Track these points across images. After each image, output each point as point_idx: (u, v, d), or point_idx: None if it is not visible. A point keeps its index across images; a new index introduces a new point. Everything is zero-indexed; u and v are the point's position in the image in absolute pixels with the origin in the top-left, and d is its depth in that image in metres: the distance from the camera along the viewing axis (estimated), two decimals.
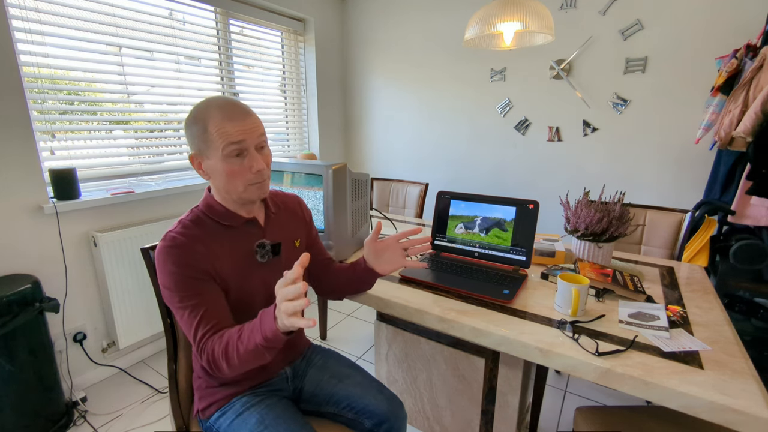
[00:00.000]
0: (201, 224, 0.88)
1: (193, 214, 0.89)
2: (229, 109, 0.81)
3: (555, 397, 1.76)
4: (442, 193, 1.40)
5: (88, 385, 1.87)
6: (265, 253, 0.93)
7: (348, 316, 2.52)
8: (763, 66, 1.54)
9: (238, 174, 0.83)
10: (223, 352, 0.77)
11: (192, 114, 0.83)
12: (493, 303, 1.08)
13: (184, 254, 0.82)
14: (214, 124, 0.79)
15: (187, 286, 0.81)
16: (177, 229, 0.85)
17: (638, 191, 2.32)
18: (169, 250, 0.81)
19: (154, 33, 2.05)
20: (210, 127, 0.80)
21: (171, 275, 0.81)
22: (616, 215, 1.29)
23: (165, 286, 0.82)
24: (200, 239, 0.85)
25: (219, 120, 0.80)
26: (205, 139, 0.81)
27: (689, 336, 0.90)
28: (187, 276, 0.81)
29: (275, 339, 0.72)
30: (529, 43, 1.57)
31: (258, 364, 0.78)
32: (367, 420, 0.98)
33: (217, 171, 0.83)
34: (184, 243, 0.83)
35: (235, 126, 0.80)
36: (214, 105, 0.81)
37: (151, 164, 2.13)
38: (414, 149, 3.14)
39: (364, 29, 3.16)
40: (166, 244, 0.82)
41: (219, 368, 0.78)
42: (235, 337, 0.76)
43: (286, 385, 1.02)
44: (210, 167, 0.84)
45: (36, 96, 1.66)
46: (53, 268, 1.71)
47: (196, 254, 0.83)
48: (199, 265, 0.83)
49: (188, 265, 0.82)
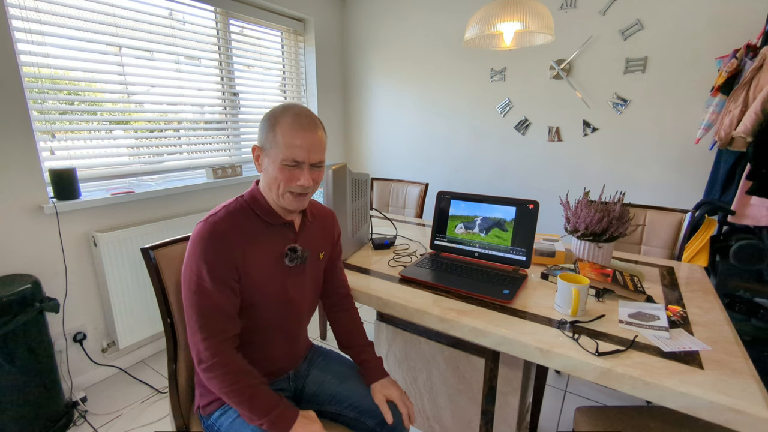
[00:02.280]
0: (244, 215, 0.91)
1: (237, 203, 0.93)
2: (301, 122, 0.86)
3: (555, 397, 1.75)
4: (442, 193, 1.40)
5: (88, 385, 1.87)
6: (295, 258, 0.95)
7: None
8: (763, 66, 1.54)
9: (284, 181, 0.88)
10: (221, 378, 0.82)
11: (271, 111, 0.89)
12: (493, 303, 1.08)
13: (222, 246, 0.84)
14: (283, 132, 0.85)
15: (215, 282, 0.83)
16: (220, 214, 0.88)
17: (638, 191, 2.32)
18: (211, 236, 0.84)
19: (154, 33, 2.05)
20: (278, 132, 0.85)
21: (204, 263, 0.83)
22: (616, 215, 1.29)
23: (192, 270, 0.84)
24: (241, 230, 0.89)
25: (288, 129, 0.85)
26: (270, 140, 0.87)
27: (689, 336, 0.90)
28: (216, 270, 0.84)
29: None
30: (529, 43, 1.57)
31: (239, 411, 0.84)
32: (370, 419, 0.98)
33: (269, 171, 0.89)
34: (226, 232, 0.86)
35: (301, 136, 0.85)
36: (290, 112, 0.87)
37: (151, 164, 2.13)
38: (414, 149, 3.14)
39: (364, 29, 3.16)
40: (208, 229, 0.85)
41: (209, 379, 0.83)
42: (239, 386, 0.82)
43: (287, 385, 1.02)
44: (264, 165, 0.90)
45: (36, 96, 1.66)
46: (53, 268, 1.71)
47: (233, 245, 0.86)
48: (232, 259, 0.85)
49: (223, 258, 0.84)
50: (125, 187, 1.99)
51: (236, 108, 2.57)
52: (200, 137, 2.38)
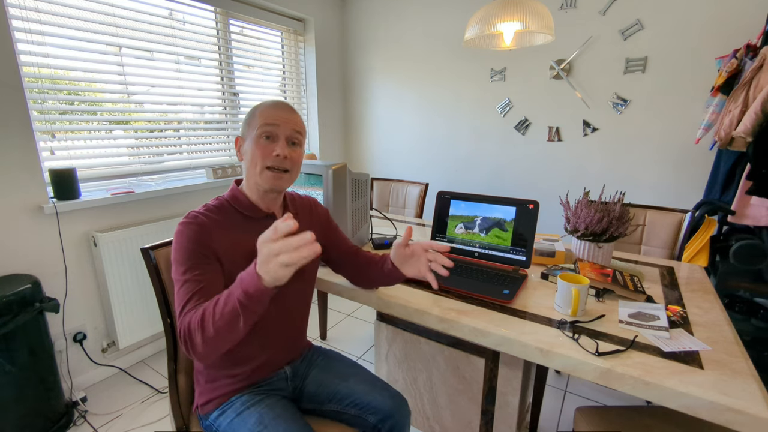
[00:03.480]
0: (223, 211, 0.92)
1: (218, 201, 0.94)
2: (278, 103, 0.93)
3: (555, 397, 1.75)
4: (442, 193, 1.40)
5: (88, 385, 1.87)
6: None
7: (348, 316, 2.52)
8: (763, 66, 1.54)
9: (261, 155, 0.89)
10: (198, 322, 0.73)
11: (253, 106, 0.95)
12: (493, 303, 1.08)
13: (201, 232, 0.85)
14: (261, 111, 0.91)
15: (194, 261, 0.83)
16: (200, 210, 0.90)
17: (638, 191, 2.32)
18: (188, 225, 0.85)
19: (154, 33, 2.05)
20: (257, 114, 0.91)
21: (183, 249, 0.84)
22: (616, 215, 1.29)
23: (175, 258, 0.84)
24: (220, 224, 0.89)
25: (266, 108, 0.92)
26: (249, 123, 0.92)
27: (689, 336, 0.90)
28: (197, 252, 0.84)
29: (258, 294, 0.68)
30: (529, 43, 1.56)
31: (233, 335, 0.74)
32: (372, 416, 0.98)
33: (248, 152, 0.91)
34: (204, 223, 0.87)
35: (275, 113, 0.91)
36: (270, 101, 0.94)
37: (151, 164, 2.13)
38: (414, 149, 3.14)
39: (364, 29, 3.16)
40: (188, 220, 0.86)
41: (193, 342, 0.74)
42: (212, 304, 0.74)
43: (285, 384, 1.02)
44: (245, 149, 0.92)
45: (36, 96, 1.66)
46: (53, 268, 1.71)
47: (213, 236, 0.86)
48: (212, 246, 0.86)
49: (201, 242, 0.85)
50: (125, 187, 1.99)
51: (236, 108, 2.57)
52: (200, 137, 2.38)
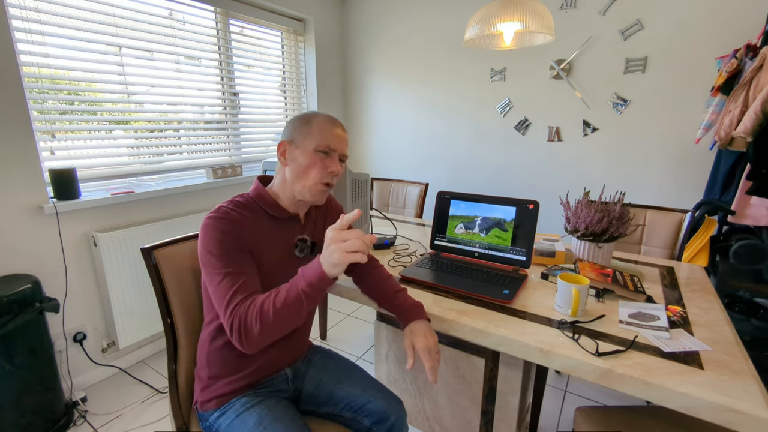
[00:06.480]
0: (251, 208, 0.93)
1: (244, 198, 0.95)
2: (334, 121, 0.96)
3: (555, 397, 1.76)
4: (442, 193, 1.40)
5: (88, 385, 1.87)
6: (305, 248, 0.99)
7: (348, 316, 2.52)
8: (763, 66, 1.54)
9: (316, 168, 0.91)
10: (257, 312, 0.77)
11: (301, 113, 0.97)
12: (493, 303, 1.07)
13: (234, 227, 0.86)
14: (318, 124, 0.93)
15: (231, 254, 0.84)
16: (229, 206, 0.90)
17: (638, 191, 2.32)
18: (220, 220, 0.86)
19: (154, 33, 2.05)
20: (314, 124, 0.92)
21: (218, 241, 0.84)
22: (616, 215, 1.29)
23: (210, 251, 0.84)
24: (249, 220, 0.90)
25: (323, 122, 0.93)
26: (303, 132, 0.92)
27: (689, 336, 0.90)
28: (232, 245, 0.85)
29: (321, 282, 0.75)
30: (529, 43, 1.56)
31: (294, 321, 0.78)
32: (366, 418, 0.98)
33: (298, 161, 0.92)
34: (236, 218, 0.88)
35: (335, 132, 0.94)
36: (322, 114, 0.96)
37: (151, 164, 2.13)
38: (414, 149, 3.14)
39: (364, 29, 3.16)
40: (218, 215, 0.87)
41: (249, 332, 0.77)
42: (272, 295, 0.78)
43: (286, 386, 1.02)
44: (294, 156, 0.93)
45: (36, 96, 1.66)
46: (53, 268, 1.71)
47: (243, 231, 0.88)
48: (245, 240, 0.87)
49: (236, 236, 0.86)
50: (125, 187, 1.99)
51: (236, 108, 2.57)
52: (200, 137, 2.38)
